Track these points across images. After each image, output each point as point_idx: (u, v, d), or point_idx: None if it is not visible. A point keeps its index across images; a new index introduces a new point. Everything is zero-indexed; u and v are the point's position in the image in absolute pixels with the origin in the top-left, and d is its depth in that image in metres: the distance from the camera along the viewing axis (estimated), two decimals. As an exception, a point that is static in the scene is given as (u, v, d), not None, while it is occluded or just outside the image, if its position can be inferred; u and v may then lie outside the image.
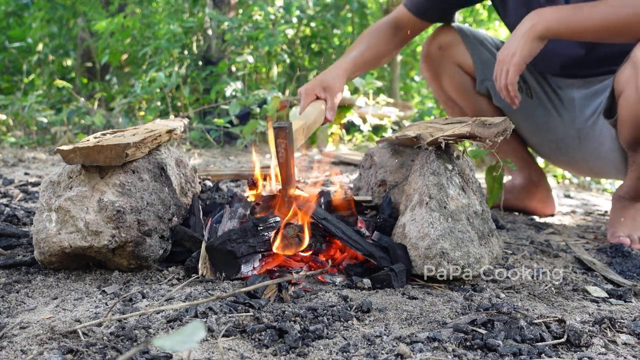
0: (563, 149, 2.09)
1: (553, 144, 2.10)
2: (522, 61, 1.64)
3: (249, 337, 0.91)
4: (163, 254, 1.28)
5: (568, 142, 2.05)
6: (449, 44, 2.05)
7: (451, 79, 2.09)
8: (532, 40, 1.62)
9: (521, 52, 1.63)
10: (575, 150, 2.04)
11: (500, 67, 1.70)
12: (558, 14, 1.62)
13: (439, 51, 2.06)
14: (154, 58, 4.75)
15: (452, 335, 0.92)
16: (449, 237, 1.19)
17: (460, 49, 2.05)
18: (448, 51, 2.06)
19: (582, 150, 2.02)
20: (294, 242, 1.25)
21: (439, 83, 2.14)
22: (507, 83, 1.68)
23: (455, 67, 2.07)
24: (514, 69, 1.65)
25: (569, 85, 2.00)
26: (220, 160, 3.47)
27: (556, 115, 2.03)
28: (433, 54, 2.08)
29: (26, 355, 0.83)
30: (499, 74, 1.71)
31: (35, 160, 3.21)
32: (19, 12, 7.78)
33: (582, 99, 1.97)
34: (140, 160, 1.28)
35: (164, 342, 0.48)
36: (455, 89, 2.10)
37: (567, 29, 1.62)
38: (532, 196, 2.23)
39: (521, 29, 1.65)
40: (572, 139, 2.02)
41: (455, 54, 2.06)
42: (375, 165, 1.64)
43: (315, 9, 5.79)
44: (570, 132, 2.01)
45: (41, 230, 1.20)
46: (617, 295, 1.23)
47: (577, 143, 2.02)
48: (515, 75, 1.66)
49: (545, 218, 2.21)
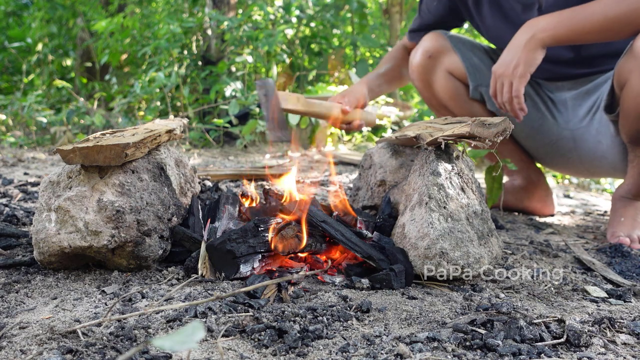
0: (558, 151, 2.09)
1: (548, 147, 2.11)
2: (526, 72, 1.64)
3: (248, 337, 0.91)
4: (162, 254, 1.28)
5: (563, 144, 2.05)
6: (438, 52, 2.03)
7: (443, 86, 2.07)
8: (535, 50, 1.62)
9: (525, 63, 1.63)
10: (571, 151, 2.05)
11: (500, 81, 1.69)
12: (556, 20, 1.62)
13: (429, 60, 2.04)
14: (154, 58, 4.75)
15: (451, 335, 0.92)
16: (449, 237, 1.19)
17: (450, 57, 2.03)
18: (438, 59, 2.04)
19: (577, 151, 2.03)
20: (293, 243, 1.25)
21: (431, 92, 2.12)
22: (513, 96, 1.67)
23: (447, 74, 2.05)
24: (519, 81, 1.65)
25: (559, 87, 2.02)
26: (219, 160, 3.47)
27: (550, 118, 2.04)
28: (424, 64, 2.05)
29: (26, 355, 0.83)
30: (499, 89, 1.70)
31: (34, 160, 3.21)
32: (19, 12, 7.78)
33: (574, 99, 1.98)
34: (140, 160, 1.28)
35: (163, 342, 0.48)
36: (448, 96, 2.08)
37: (569, 33, 1.61)
38: (532, 196, 2.22)
39: (519, 40, 1.64)
40: (567, 140, 2.03)
41: (446, 62, 2.03)
42: (374, 165, 1.64)
43: (315, 9, 5.78)
44: (564, 134, 2.02)
45: (41, 230, 1.20)
46: (617, 295, 1.23)
47: (572, 144, 2.02)
48: (522, 87, 1.65)
49: (544, 218, 2.22)
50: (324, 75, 5.73)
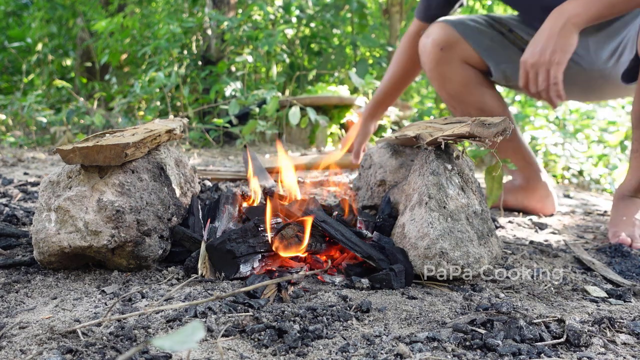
0: (591, 90, 2.08)
1: (580, 90, 2.09)
2: (564, 59, 1.59)
3: (248, 337, 0.91)
4: (162, 253, 1.28)
5: (594, 84, 2.03)
6: (449, 44, 2.01)
7: (457, 76, 2.05)
8: (571, 35, 1.58)
9: (562, 50, 1.58)
10: (603, 86, 2.03)
11: (533, 70, 1.65)
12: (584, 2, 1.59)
13: (441, 52, 2.02)
14: (154, 58, 4.75)
15: (451, 335, 0.92)
16: (449, 237, 1.19)
17: (462, 46, 2.01)
18: (451, 51, 2.02)
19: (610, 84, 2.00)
20: (293, 243, 1.25)
21: (444, 83, 2.10)
22: (551, 83, 1.62)
23: (462, 64, 2.04)
24: (557, 68, 1.60)
25: None
26: (219, 160, 3.47)
27: (574, 65, 1.97)
28: (436, 57, 2.03)
29: (25, 355, 0.83)
30: (533, 78, 1.65)
31: (34, 160, 3.21)
32: (19, 11, 7.77)
33: (596, 42, 1.95)
34: (140, 160, 1.28)
35: (163, 342, 0.48)
36: (461, 85, 2.06)
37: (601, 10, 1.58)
38: (532, 196, 2.21)
39: (551, 27, 1.60)
40: (597, 79, 2.01)
41: (459, 52, 2.02)
42: (374, 165, 1.64)
43: (315, 9, 5.79)
44: (593, 75, 2.00)
45: (40, 230, 1.20)
46: (617, 295, 1.23)
47: (603, 80, 2.00)
48: (560, 74, 1.61)
49: (545, 218, 2.21)
50: (324, 75, 5.73)
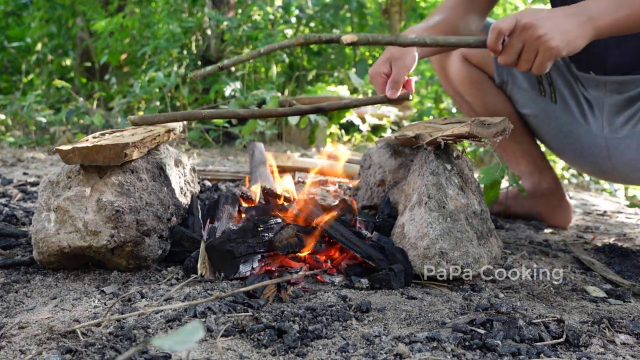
0: (589, 157, 1.84)
1: (578, 152, 1.86)
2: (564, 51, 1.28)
3: (247, 337, 0.91)
4: (162, 254, 1.28)
5: (595, 152, 1.80)
6: None
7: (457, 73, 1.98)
8: (586, 36, 1.30)
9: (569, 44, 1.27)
10: (604, 159, 1.79)
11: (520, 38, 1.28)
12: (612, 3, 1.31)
13: None
14: (153, 58, 4.75)
15: (451, 335, 0.92)
16: (448, 237, 1.19)
17: None
18: None
19: (611, 160, 1.77)
20: (293, 243, 1.25)
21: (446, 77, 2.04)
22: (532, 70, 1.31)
23: (462, 61, 1.96)
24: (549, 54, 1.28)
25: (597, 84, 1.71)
26: (219, 160, 3.47)
27: (583, 123, 1.80)
28: None
29: (25, 355, 0.83)
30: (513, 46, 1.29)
31: (34, 160, 3.21)
32: (18, 11, 7.76)
33: (613, 105, 1.71)
34: (139, 160, 1.28)
35: (162, 342, 0.48)
36: (461, 84, 1.99)
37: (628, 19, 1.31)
38: (539, 204, 2.05)
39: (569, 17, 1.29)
40: (600, 149, 1.77)
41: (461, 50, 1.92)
42: (374, 165, 1.64)
43: (315, 9, 5.78)
44: (597, 142, 1.77)
45: (40, 230, 1.20)
46: (616, 295, 1.24)
47: (606, 153, 1.77)
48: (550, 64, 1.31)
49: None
50: (324, 75, 5.73)
